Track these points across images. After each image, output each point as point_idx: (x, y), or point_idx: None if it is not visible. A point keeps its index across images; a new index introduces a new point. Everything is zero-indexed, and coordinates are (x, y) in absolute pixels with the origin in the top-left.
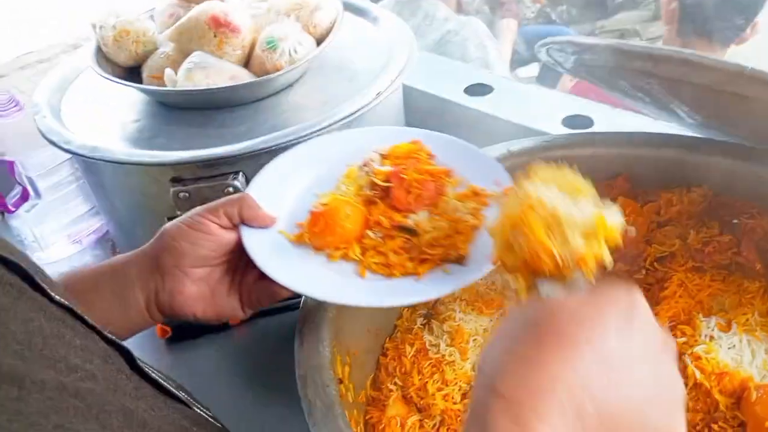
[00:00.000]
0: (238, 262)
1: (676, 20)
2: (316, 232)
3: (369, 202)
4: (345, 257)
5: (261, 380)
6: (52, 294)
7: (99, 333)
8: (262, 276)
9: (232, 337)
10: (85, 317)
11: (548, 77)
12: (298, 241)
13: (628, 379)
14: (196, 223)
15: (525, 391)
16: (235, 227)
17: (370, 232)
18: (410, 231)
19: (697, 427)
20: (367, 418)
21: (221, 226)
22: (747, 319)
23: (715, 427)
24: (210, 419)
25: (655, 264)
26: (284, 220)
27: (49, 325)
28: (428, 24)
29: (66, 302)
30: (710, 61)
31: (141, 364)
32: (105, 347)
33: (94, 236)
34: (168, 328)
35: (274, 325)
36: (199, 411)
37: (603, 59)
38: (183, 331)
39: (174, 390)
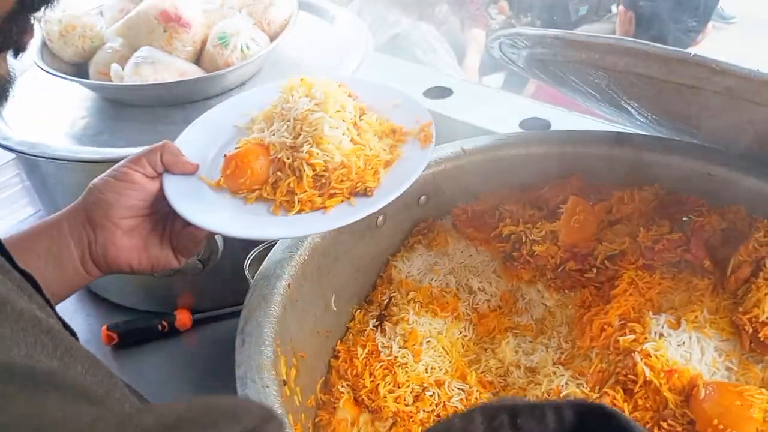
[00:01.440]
0: (167, 211)
1: (632, 28)
2: (228, 175)
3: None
4: (261, 198)
5: (208, 386)
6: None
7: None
8: (187, 222)
9: (179, 343)
10: (43, 291)
11: (514, 86)
12: (218, 186)
13: None
14: (121, 174)
15: None
16: (159, 176)
17: (280, 173)
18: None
19: (647, 426)
20: (316, 420)
21: (146, 176)
22: (696, 317)
23: (664, 425)
24: None
25: (606, 262)
26: (208, 169)
27: (12, 283)
28: (378, 25)
29: (27, 270)
30: (653, 48)
31: None
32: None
33: None
34: (114, 335)
35: (221, 331)
36: None
37: (552, 52)
38: (129, 338)
39: None
